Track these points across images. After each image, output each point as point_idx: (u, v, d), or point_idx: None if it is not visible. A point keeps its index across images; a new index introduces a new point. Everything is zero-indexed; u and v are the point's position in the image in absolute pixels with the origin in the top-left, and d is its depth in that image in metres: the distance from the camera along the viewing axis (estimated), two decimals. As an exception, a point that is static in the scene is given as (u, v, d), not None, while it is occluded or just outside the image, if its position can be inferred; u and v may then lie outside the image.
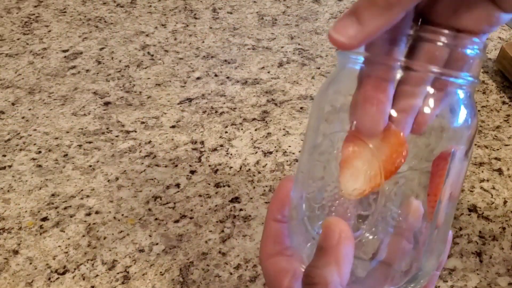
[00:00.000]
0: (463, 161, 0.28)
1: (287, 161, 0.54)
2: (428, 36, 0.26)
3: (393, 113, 0.26)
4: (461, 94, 0.27)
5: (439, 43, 0.26)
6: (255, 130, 0.58)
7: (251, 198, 0.50)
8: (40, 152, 0.55)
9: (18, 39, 0.74)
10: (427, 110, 0.27)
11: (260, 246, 0.32)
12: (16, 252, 0.45)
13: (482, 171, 0.54)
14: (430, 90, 0.27)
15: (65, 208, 0.49)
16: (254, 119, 0.60)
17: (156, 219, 0.48)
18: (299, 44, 0.74)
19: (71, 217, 0.48)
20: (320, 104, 0.29)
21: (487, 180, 0.53)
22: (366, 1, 0.24)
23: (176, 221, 0.48)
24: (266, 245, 0.32)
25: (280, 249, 0.31)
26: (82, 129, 0.58)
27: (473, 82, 0.27)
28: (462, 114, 0.27)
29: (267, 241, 0.32)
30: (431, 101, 0.27)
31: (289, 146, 0.56)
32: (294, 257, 0.30)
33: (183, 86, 0.65)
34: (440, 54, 0.26)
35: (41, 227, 0.47)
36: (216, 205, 0.49)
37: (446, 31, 0.26)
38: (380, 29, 0.24)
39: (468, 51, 0.26)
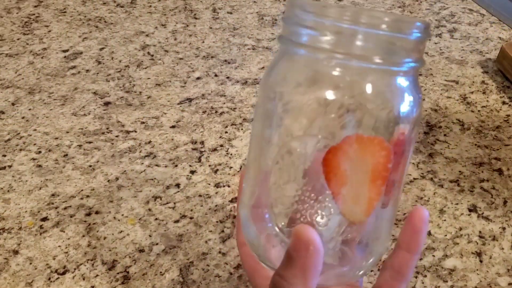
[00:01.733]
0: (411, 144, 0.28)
1: (287, 161, 0.54)
2: (368, 25, 0.26)
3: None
4: (403, 81, 0.27)
5: (379, 30, 0.26)
6: (255, 130, 0.58)
7: (251, 198, 0.50)
8: (40, 152, 0.55)
9: (18, 39, 0.74)
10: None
11: (235, 234, 0.33)
12: (16, 252, 0.45)
13: (482, 171, 0.54)
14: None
15: (65, 208, 0.49)
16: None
17: (156, 219, 0.48)
18: (299, 44, 0.73)
19: (71, 217, 0.48)
20: (264, 91, 0.29)
21: (487, 180, 0.53)
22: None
23: (176, 221, 0.48)
24: (239, 233, 0.33)
25: None
26: (82, 129, 0.58)
27: (415, 67, 0.27)
28: (407, 101, 0.27)
29: (239, 230, 0.33)
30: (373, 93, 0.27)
31: (289, 146, 0.56)
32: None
33: (183, 86, 0.65)
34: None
35: (41, 227, 0.47)
36: (216, 205, 0.49)
37: (386, 18, 0.26)
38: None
39: (413, 36, 0.26)
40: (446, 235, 0.47)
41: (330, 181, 0.26)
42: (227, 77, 0.67)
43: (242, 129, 0.58)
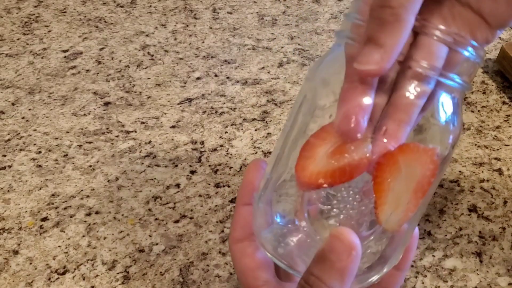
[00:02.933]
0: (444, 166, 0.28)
1: (287, 161, 0.54)
2: (429, 31, 0.25)
3: (392, 124, 0.26)
4: (447, 98, 0.27)
5: (440, 39, 0.25)
6: (255, 130, 0.58)
7: (251, 198, 0.50)
8: (40, 152, 0.55)
9: (18, 39, 0.74)
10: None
11: (230, 230, 0.32)
12: (16, 252, 0.45)
13: (482, 171, 0.54)
14: (426, 89, 0.26)
15: (65, 208, 0.49)
16: (254, 119, 0.60)
17: (156, 219, 0.48)
18: (299, 44, 0.74)
19: (71, 217, 0.48)
20: (310, 81, 0.29)
21: (487, 180, 0.53)
22: (375, 24, 0.24)
23: (176, 221, 0.48)
24: (235, 229, 0.32)
25: (247, 234, 0.31)
26: (82, 129, 0.58)
27: (464, 87, 0.26)
28: (449, 117, 0.27)
29: (235, 226, 0.31)
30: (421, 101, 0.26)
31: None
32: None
33: (183, 86, 0.65)
34: (439, 52, 0.26)
35: (41, 227, 0.47)
36: (216, 205, 0.49)
37: (448, 29, 0.25)
38: (400, 42, 0.24)
39: (466, 53, 0.26)
40: (446, 235, 0.47)
41: (376, 184, 0.26)
42: (227, 77, 0.67)
43: (242, 129, 0.58)
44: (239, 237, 0.31)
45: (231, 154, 0.55)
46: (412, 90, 0.26)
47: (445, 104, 0.27)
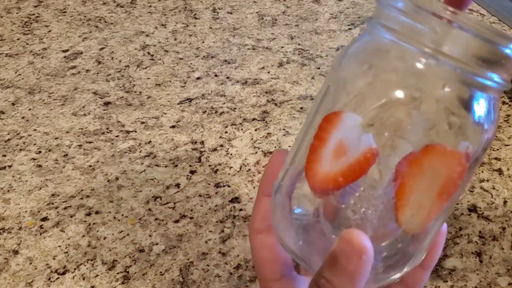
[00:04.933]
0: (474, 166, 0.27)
1: (287, 161, 0.54)
2: (466, 26, 0.23)
3: None
4: (488, 98, 0.25)
5: (477, 34, 0.23)
6: (255, 130, 0.58)
7: (251, 198, 0.50)
8: (40, 152, 0.55)
9: (18, 39, 0.74)
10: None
11: (250, 220, 0.31)
12: (16, 252, 0.45)
13: (482, 171, 0.54)
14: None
15: (65, 208, 0.49)
16: (254, 119, 0.60)
17: (156, 219, 0.48)
18: (299, 44, 0.74)
19: (71, 217, 0.48)
20: (335, 68, 0.27)
21: (487, 180, 0.53)
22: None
23: (176, 221, 0.48)
24: (255, 220, 0.31)
25: (267, 225, 0.30)
26: (82, 129, 0.58)
27: (502, 85, 0.25)
28: (483, 116, 0.25)
29: (256, 217, 0.31)
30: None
31: (289, 146, 0.56)
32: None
33: (183, 86, 0.65)
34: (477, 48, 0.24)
35: (41, 227, 0.47)
36: (216, 205, 0.49)
37: (485, 23, 0.24)
38: None
39: (508, 51, 0.24)
40: (446, 235, 0.47)
41: (398, 186, 0.25)
42: (227, 77, 0.67)
43: (242, 129, 0.58)
44: (259, 228, 0.31)
45: (231, 154, 0.55)
46: None
47: (481, 103, 0.25)
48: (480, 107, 0.25)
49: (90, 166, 0.54)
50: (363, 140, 0.25)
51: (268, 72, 0.68)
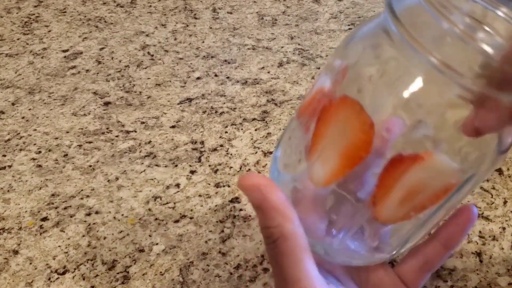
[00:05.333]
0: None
1: (287, 161, 0.54)
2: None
3: None
4: None
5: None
6: (255, 130, 0.58)
7: (251, 198, 0.50)
8: (40, 152, 0.55)
9: (18, 39, 0.74)
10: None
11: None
12: (16, 252, 0.45)
13: (482, 171, 0.54)
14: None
15: (65, 208, 0.49)
16: (254, 119, 0.60)
17: (156, 219, 0.48)
18: (299, 44, 0.74)
19: (71, 217, 0.48)
20: (338, 53, 0.27)
21: (487, 180, 0.53)
22: None
23: (176, 221, 0.48)
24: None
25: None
26: (82, 129, 0.58)
27: None
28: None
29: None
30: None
31: (289, 146, 0.56)
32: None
33: (183, 86, 0.65)
34: None
35: (41, 227, 0.47)
36: (216, 205, 0.49)
37: None
38: None
39: None
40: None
41: (379, 180, 0.26)
42: (227, 77, 0.67)
43: (242, 129, 0.58)
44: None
45: (231, 154, 0.55)
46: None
47: None
48: None
49: (90, 166, 0.54)
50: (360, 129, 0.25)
51: (268, 72, 0.68)
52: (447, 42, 0.22)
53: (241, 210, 0.49)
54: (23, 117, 0.60)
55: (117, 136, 0.57)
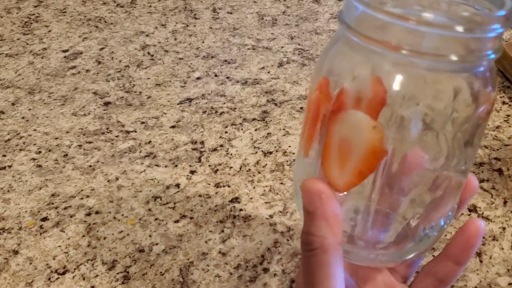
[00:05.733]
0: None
1: (287, 161, 0.54)
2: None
3: None
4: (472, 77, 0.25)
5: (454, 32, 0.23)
6: (255, 130, 0.58)
7: (251, 198, 0.50)
8: (40, 152, 0.55)
9: (18, 39, 0.74)
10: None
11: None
12: (16, 252, 0.45)
13: (482, 171, 0.54)
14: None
15: (65, 208, 0.49)
16: (254, 119, 0.60)
17: (156, 219, 0.48)
18: (299, 44, 0.74)
19: (71, 217, 0.48)
20: (317, 75, 0.28)
21: (487, 180, 0.53)
22: None
23: (176, 221, 0.48)
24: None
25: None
26: (82, 129, 0.58)
27: (490, 60, 0.25)
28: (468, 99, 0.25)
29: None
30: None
31: (289, 146, 0.56)
32: None
33: (183, 86, 0.65)
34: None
35: (41, 227, 0.47)
36: (216, 205, 0.49)
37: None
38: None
39: (490, 33, 0.24)
40: (446, 235, 0.47)
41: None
42: (227, 77, 0.67)
43: (242, 129, 0.58)
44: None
45: (231, 154, 0.55)
46: None
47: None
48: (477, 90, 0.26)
49: (90, 166, 0.54)
50: (369, 135, 0.25)
51: (268, 72, 0.68)
52: (400, 33, 0.24)
53: (241, 210, 0.49)
54: (23, 117, 0.60)
55: (117, 136, 0.57)
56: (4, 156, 0.55)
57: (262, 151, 0.55)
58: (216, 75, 0.67)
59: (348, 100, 0.25)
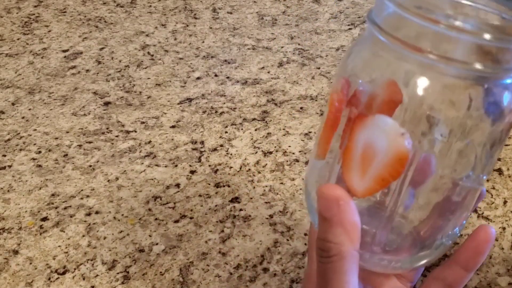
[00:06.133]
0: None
1: (287, 161, 0.54)
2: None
3: None
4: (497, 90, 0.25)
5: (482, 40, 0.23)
6: (255, 130, 0.58)
7: (251, 198, 0.50)
8: (40, 152, 0.55)
9: (18, 39, 0.74)
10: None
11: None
12: (16, 252, 0.45)
13: (482, 171, 0.54)
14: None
15: (65, 208, 0.49)
16: (254, 119, 0.60)
17: (156, 219, 0.48)
18: (299, 44, 0.74)
19: (71, 217, 0.48)
20: (340, 72, 0.28)
21: (487, 180, 0.53)
22: None
23: (176, 221, 0.48)
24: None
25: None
26: (82, 129, 0.58)
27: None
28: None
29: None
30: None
31: (289, 146, 0.56)
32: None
33: (183, 86, 0.65)
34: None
35: (41, 227, 0.47)
36: (216, 205, 0.49)
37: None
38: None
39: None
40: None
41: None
42: (227, 77, 0.67)
43: (242, 129, 0.58)
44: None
45: (231, 154, 0.55)
46: None
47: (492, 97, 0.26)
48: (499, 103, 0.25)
49: (90, 166, 0.54)
50: (396, 142, 0.25)
51: (268, 72, 0.68)
52: (428, 38, 0.24)
53: (241, 210, 0.49)
54: (23, 117, 0.60)
55: (117, 136, 0.57)
56: (4, 156, 0.55)
57: (262, 151, 0.55)
58: (216, 75, 0.67)
59: (375, 104, 0.25)
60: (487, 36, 0.23)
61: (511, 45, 0.23)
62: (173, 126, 0.59)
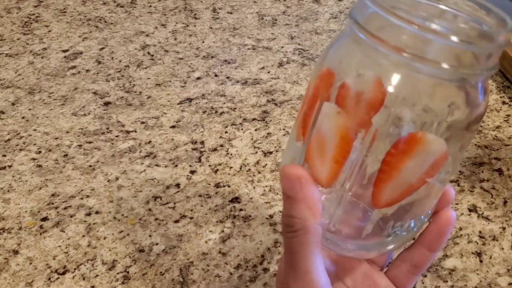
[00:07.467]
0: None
1: (287, 161, 0.54)
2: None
3: None
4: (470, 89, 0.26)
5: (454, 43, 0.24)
6: (255, 130, 0.58)
7: (251, 198, 0.50)
8: (40, 152, 0.55)
9: (18, 39, 0.74)
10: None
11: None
12: (16, 252, 0.45)
13: (482, 171, 0.54)
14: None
15: (65, 208, 0.49)
16: (254, 119, 0.60)
17: (156, 219, 0.48)
18: (299, 44, 0.74)
19: (71, 217, 0.48)
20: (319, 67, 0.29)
21: (487, 180, 0.53)
22: None
23: (176, 221, 0.48)
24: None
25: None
26: (82, 129, 0.58)
27: (487, 75, 0.26)
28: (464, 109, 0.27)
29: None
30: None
31: (289, 146, 0.56)
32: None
33: (183, 86, 0.65)
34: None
35: (41, 227, 0.47)
36: (216, 205, 0.49)
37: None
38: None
39: (490, 49, 0.25)
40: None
41: (380, 171, 0.27)
42: (227, 77, 0.67)
43: (242, 129, 0.58)
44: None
45: (231, 154, 0.55)
46: None
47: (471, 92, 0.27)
48: (473, 99, 0.27)
49: (90, 166, 0.54)
50: (335, 122, 0.26)
51: (268, 72, 0.68)
52: (406, 38, 0.25)
53: (241, 210, 0.49)
54: (23, 117, 0.60)
55: (117, 136, 0.57)
56: (4, 156, 0.55)
57: (262, 151, 0.55)
58: (216, 75, 0.67)
59: (347, 95, 0.26)
60: (454, 39, 0.24)
61: (478, 49, 0.25)
62: (173, 126, 0.59)
